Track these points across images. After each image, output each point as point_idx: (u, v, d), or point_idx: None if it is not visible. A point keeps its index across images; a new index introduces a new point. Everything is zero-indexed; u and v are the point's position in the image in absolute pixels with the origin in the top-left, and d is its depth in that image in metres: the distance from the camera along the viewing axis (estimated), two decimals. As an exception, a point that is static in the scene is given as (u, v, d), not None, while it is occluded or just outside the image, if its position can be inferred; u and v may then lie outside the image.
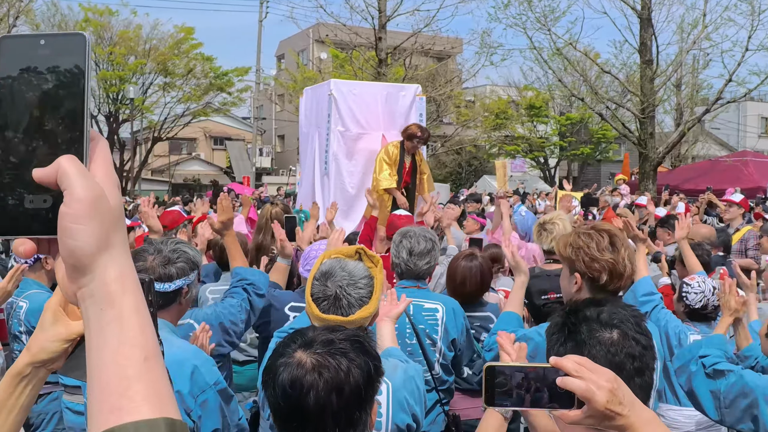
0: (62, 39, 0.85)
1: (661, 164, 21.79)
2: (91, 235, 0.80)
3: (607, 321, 1.92)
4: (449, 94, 28.18)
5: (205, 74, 35.48)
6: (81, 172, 0.81)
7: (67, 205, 0.79)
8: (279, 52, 47.56)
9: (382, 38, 23.09)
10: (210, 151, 47.94)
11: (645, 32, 20.72)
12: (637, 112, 21.17)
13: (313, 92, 9.04)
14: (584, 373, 1.38)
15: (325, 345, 1.79)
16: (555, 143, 38.65)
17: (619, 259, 2.79)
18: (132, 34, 33.38)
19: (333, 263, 2.55)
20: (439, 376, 3.86)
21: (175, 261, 2.76)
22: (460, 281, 4.27)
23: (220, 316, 3.47)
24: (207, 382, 2.57)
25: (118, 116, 34.79)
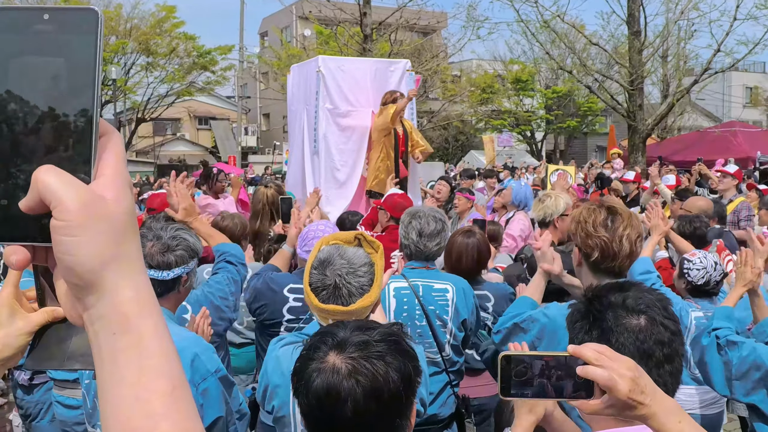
0: (70, 14, 0.71)
1: (650, 136, 21.76)
2: (90, 246, 0.68)
3: (634, 306, 1.83)
4: (435, 69, 28.00)
5: (188, 53, 35.15)
6: (62, 180, 0.68)
7: (56, 217, 0.68)
8: (262, 29, 47.11)
9: (367, 13, 22.82)
10: (195, 131, 47.60)
11: (633, 3, 20.56)
12: (625, 84, 21.09)
13: (300, 69, 8.89)
14: (605, 361, 1.33)
15: (359, 347, 1.66)
16: (541, 117, 38.69)
17: (615, 237, 2.71)
18: (113, 13, 32.90)
19: (331, 250, 2.44)
20: (450, 357, 3.78)
21: (174, 248, 2.68)
22: (456, 258, 4.19)
23: (208, 296, 3.39)
24: (208, 370, 2.52)
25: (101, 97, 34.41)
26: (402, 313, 3.73)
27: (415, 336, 3.72)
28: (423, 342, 3.72)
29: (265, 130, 47.50)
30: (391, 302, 3.74)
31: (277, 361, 2.46)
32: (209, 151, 44.48)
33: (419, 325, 3.73)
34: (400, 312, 3.73)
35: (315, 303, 2.36)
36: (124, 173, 0.74)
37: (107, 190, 0.71)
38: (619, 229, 2.71)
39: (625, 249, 2.71)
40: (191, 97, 39.27)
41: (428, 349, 3.74)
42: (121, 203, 0.71)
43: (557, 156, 41.05)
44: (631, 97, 20.98)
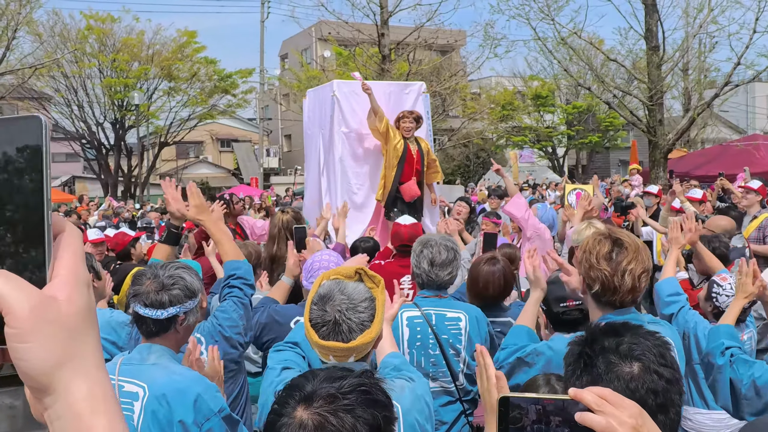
0: (16, 122, 0.74)
1: (671, 151, 21.54)
2: (41, 351, 0.69)
3: (627, 353, 1.77)
4: (454, 88, 27.99)
5: (209, 77, 35.50)
6: (11, 284, 0.70)
7: (8, 324, 0.69)
8: (282, 51, 47.51)
9: (385, 34, 22.96)
10: (217, 153, 47.99)
11: (650, 18, 20.47)
12: (644, 99, 20.94)
13: (316, 94, 8.95)
14: (606, 407, 1.25)
15: (327, 401, 1.63)
16: (562, 132, 38.49)
17: (617, 271, 2.62)
18: (135, 40, 33.37)
19: (331, 285, 2.41)
20: (463, 386, 3.75)
21: (170, 288, 2.67)
22: (483, 286, 4.16)
23: (217, 326, 3.38)
24: (211, 410, 2.50)
25: (124, 123, 34.82)
26: (415, 342, 3.71)
27: (429, 365, 3.70)
28: (437, 371, 3.69)
29: (287, 151, 47.77)
30: (404, 331, 3.72)
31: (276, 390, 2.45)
32: (232, 173, 44.81)
33: (433, 354, 3.70)
34: (413, 341, 3.71)
35: (315, 339, 2.34)
36: (79, 271, 0.74)
37: (60, 290, 0.72)
38: (622, 263, 2.63)
39: (626, 284, 2.63)
40: (213, 120, 39.62)
41: (442, 378, 3.71)
42: (73, 303, 0.72)
43: (579, 171, 40.81)
44: (651, 113, 20.83)
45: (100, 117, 34.83)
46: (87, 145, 35.99)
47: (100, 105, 34.41)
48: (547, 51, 22.44)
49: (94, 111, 34.47)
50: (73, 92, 33.37)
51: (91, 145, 35.45)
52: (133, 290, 2.69)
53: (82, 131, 34.72)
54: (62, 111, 34.86)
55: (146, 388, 2.47)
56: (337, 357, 2.34)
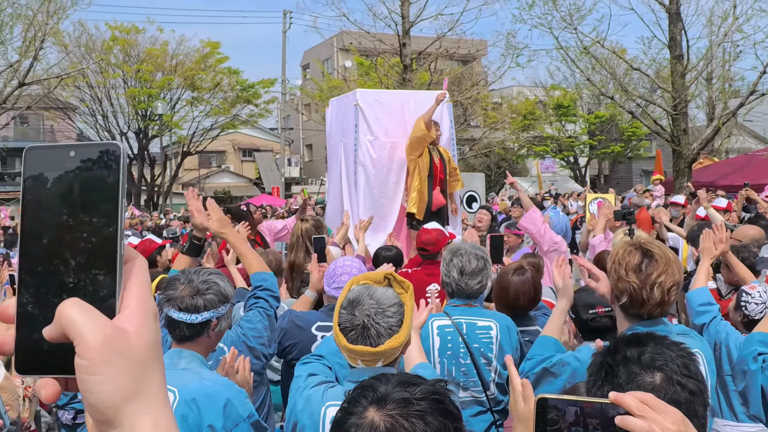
0: (94, 149, 0.74)
1: (696, 161, 21.34)
2: (111, 384, 0.68)
3: (649, 363, 1.74)
4: (476, 97, 28.00)
5: (231, 87, 35.79)
6: (86, 315, 0.69)
7: (79, 355, 0.68)
8: (304, 62, 47.77)
9: (407, 44, 23.01)
10: (239, 163, 48.29)
11: (674, 27, 20.33)
12: (668, 109, 20.78)
13: (339, 103, 8.98)
14: (648, 412, 1.22)
15: (400, 405, 1.61)
16: (584, 142, 38.28)
17: (646, 284, 2.56)
18: (159, 51, 33.75)
19: (360, 290, 2.42)
20: (494, 396, 3.71)
21: (204, 292, 2.69)
22: (514, 296, 4.12)
23: (241, 336, 3.38)
24: (240, 415, 2.51)
25: (148, 132, 35.18)
26: (446, 352, 3.68)
27: (460, 375, 3.67)
28: (468, 381, 3.67)
29: (308, 161, 47.95)
30: (435, 340, 3.69)
31: (308, 401, 2.45)
32: (253, 183, 45.06)
33: (464, 363, 3.67)
34: (444, 350, 3.69)
35: (344, 343, 2.35)
36: (148, 303, 0.74)
37: (130, 323, 0.71)
38: (652, 275, 2.57)
39: (655, 297, 2.57)
40: (235, 130, 39.90)
41: (473, 387, 3.68)
42: (142, 336, 0.71)
43: (601, 181, 40.54)
44: (675, 122, 20.66)
45: (124, 126, 35.24)
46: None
47: (124, 115, 34.82)
48: (570, 60, 22.39)
49: (118, 121, 34.92)
50: (98, 102, 33.81)
51: (115, 155, 35.82)
52: (166, 295, 2.71)
53: (106, 141, 35.12)
54: (87, 121, 35.34)
55: (176, 393, 2.48)
56: (365, 361, 2.34)
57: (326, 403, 2.37)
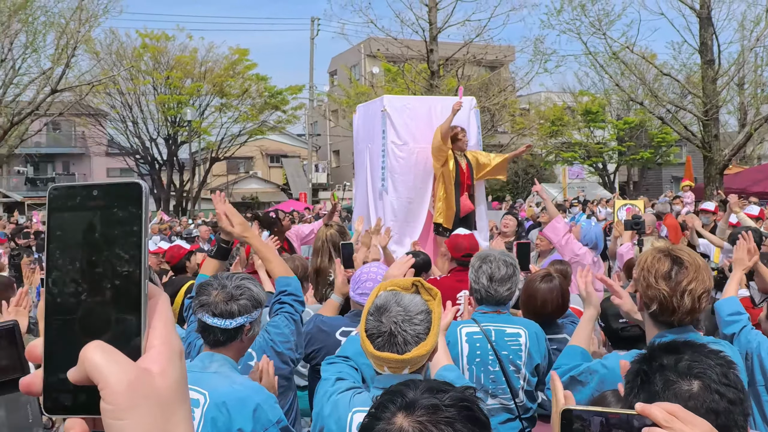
0: (116, 188, 0.74)
1: (727, 167, 21.05)
2: (136, 428, 0.68)
3: (686, 371, 1.70)
4: (503, 103, 27.89)
5: (260, 94, 36.04)
6: (109, 359, 0.69)
7: (104, 399, 0.68)
8: (331, 68, 48.00)
9: (434, 50, 23.02)
10: (267, 168, 48.60)
11: (705, 32, 20.11)
12: (699, 114, 20.53)
13: (366, 109, 8.99)
14: (675, 424, 1.21)
15: (429, 411, 1.60)
16: (613, 148, 37.94)
17: (677, 291, 2.51)
18: (188, 58, 34.11)
19: (388, 297, 2.40)
20: (523, 403, 3.68)
21: (238, 298, 2.70)
22: (541, 303, 4.09)
23: (269, 341, 3.39)
24: (270, 420, 2.51)
25: (177, 138, 35.54)
26: (475, 359, 3.67)
27: (488, 382, 3.65)
28: (497, 388, 3.65)
29: (336, 167, 48.12)
30: (463, 347, 3.67)
31: (335, 406, 2.45)
32: (281, 189, 45.31)
33: (492, 370, 3.65)
34: (473, 357, 3.67)
35: (370, 350, 2.34)
36: (173, 341, 0.74)
37: (155, 363, 0.71)
38: (682, 283, 2.52)
39: (685, 305, 2.52)
40: (263, 136, 40.16)
41: (502, 395, 3.66)
42: (168, 376, 0.71)
43: (630, 188, 40.15)
44: (706, 128, 20.42)
45: (154, 133, 35.66)
46: (141, 161, 36.84)
47: (154, 121, 35.24)
48: (599, 66, 22.23)
49: (147, 127, 35.36)
50: (128, 109, 34.26)
51: (145, 161, 36.28)
52: (199, 300, 2.73)
53: (136, 147, 35.59)
54: (117, 127, 35.84)
55: (207, 396, 2.50)
56: (391, 368, 2.33)
57: (353, 408, 2.37)
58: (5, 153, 26.02)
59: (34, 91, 23.02)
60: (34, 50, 23.04)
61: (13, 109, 22.87)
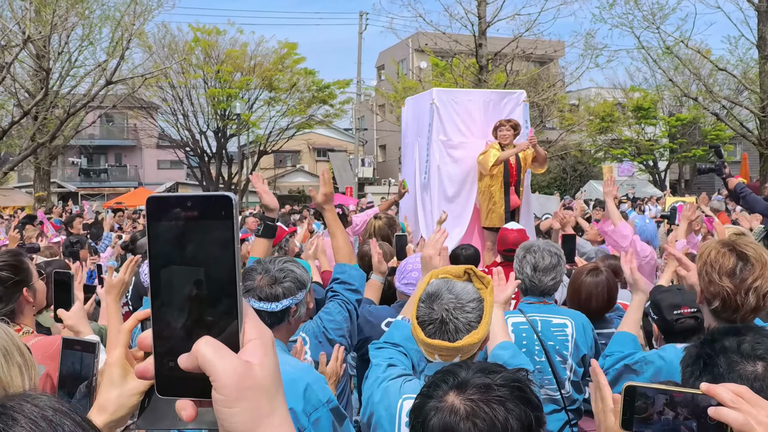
0: (208, 200, 0.81)
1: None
2: (245, 415, 0.79)
3: (750, 352, 1.68)
4: (552, 99, 27.61)
5: (307, 88, 36.24)
6: (219, 354, 0.79)
7: (216, 390, 0.78)
8: (379, 62, 48.05)
9: (483, 44, 22.88)
10: (313, 162, 48.93)
11: (763, 26, 19.57)
12: (756, 111, 20.00)
13: (415, 102, 8.98)
14: (742, 405, 1.20)
15: (481, 390, 1.61)
16: (665, 146, 37.20)
17: (741, 289, 2.42)
18: (238, 52, 34.48)
19: (440, 284, 2.40)
20: (569, 395, 3.65)
21: (282, 281, 2.73)
22: (586, 297, 4.05)
23: (321, 328, 3.42)
24: (320, 400, 2.52)
25: (226, 131, 35.99)
26: (521, 349, 3.64)
27: (534, 372, 3.63)
28: (542, 379, 3.62)
29: (382, 162, 48.20)
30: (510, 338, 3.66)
31: (386, 392, 2.45)
32: (327, 182, 45.51)
33: (538, 361, 3.63)
34: (518, 347, 3.65)
35: (421, 337, 2.34)
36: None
37: (254, 355, 0.81)
38: (747, 280, 2.42)
39: (750, 303, 2.42)
40: (310, 130, 40.41)
41: (548, 385, 3.64)
42: (266, 367, 0.81)
43: (682, 186, 39.33)
44: (763, 124, 19.89)
45: (204, 126, 36.16)
46: (190, 153, 37.40)
47: (204, 114, 35.72)
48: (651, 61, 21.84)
49: (197, 120, 35.84)
50: (179, 102, 34.79)
51: (194, 153, 36.83)
52: (244, 286, 2.75)
53: (186, 139, 36.13)
54: (168, 120, 36.43)
55: (258, 377, 2.52)
56: (442, 356, 2.33)
57: (403, 395, 2.37)
58: (61, 144, 26.64)
59: (89, 83, 23.56)
60: (90, 43, 23.58)
61: (69, 100, 23.44)
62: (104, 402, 1.20)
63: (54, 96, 22.59)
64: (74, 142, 33.47)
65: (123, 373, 1.19)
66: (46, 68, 21.42)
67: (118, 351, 1.20)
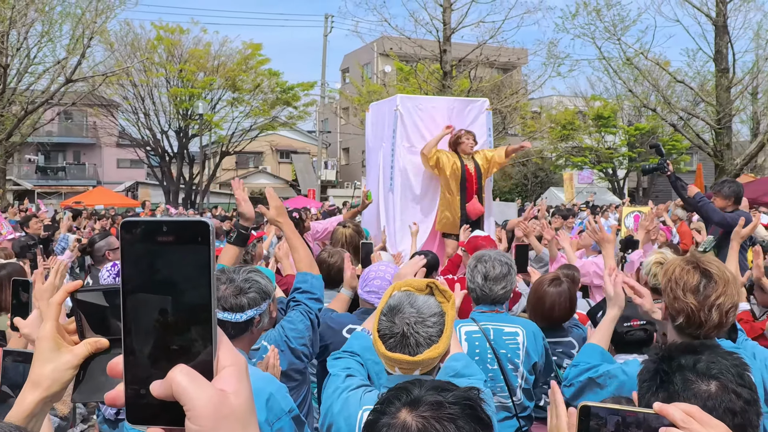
0: (185, 225, 0.79)
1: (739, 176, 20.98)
2: None
3: (705, 371, 1.74)
4: (515, 106, 27.84)
5: (271, 89, 36.05)
6: (194, 383, 0.77)
7: (190, 420, 0.76)
8: (344, 65, 48.01)
9: (447, 50, 23.01)
10: (276, 164, 48.66)
11: (720, 40, 20.04)
12: (712, 122, 20.46)
13: (379, 107, 8.99)
14: (693, 425, 1.22)
15: (433, 407, 1.63)
16: (624, 154, 37.82)
17: (704, 306, 2.48)
18: (202, 52, 34.17)
19: (402, 297, 2.41)
20: (521, 402, 3.72)
21: (246, 291, 2.72)
22: (549, 307, 4.12)
23: (283, 336, 3.41)
24: (282, 409, 2.52)
25: (188, 131, 35.62)
26: (474, 357, 3.69)
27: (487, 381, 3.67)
28: (495, 386, 3.67)
29: (345, 165, 48.14)
30: (462, 346, 3.70)
31: (346, 403, 2.46)
32: (290, 185, 45.36)
33: (491, 368, 3.68)
34: (471, 355, 3.69)
35: (382, 350, 2.35)
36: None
37: (228, 384, 0.79)
38: (711, 297, 2.49)
39: (713, 319, 2.49)
40: (274, 132, 40.17)
41: (500, 393, 3.69)
42: (240, 395, 0.79)
43: (640, 194, 40.01)
44: (719, 136, 20.35)
45: (165, 125, 35.73)
46: (151, 152, 36.93)
47: (166, 113, 35.32)
48: (612, 71, 22.19)
49: (159, 119, 35.41)
50: (141, 100, 34.34)
51: (155, 152, 36.37)
52: None
53: (147, 138, 35.66)
54: (129, 118, 35.94)
55: (220, 388, 2.51)
56: (402, 369, 2.34)
57: (363, 407, 2.37)
58: (17, 141, 26.07)
59: (48, 81, 23.12)
60: (50, 40, 23.13)
61: (27, 97, 22.98)
62: (37, 378, 1.17)
63: (11, 93, 22.13)
64: (31, 139, 32.82)
65: (55, 347, 1.15)
66: (4, 64, 21.00)
67: (50, 324, 1.17)
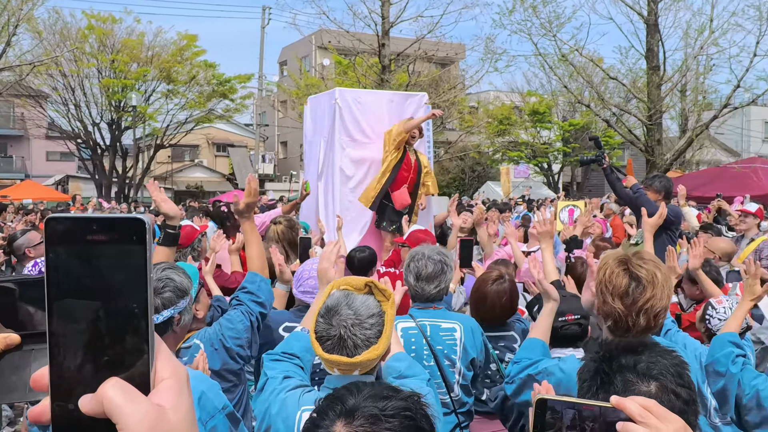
0: (118, 222, 0.71)
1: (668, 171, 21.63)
2: None
3: (645, 371, 1.75)
4: (453, 101, 28.05)
5: (207, 81, 35.45)
6: (128, 398, 0.70)
7: None
8: (282, 58, 47.57)
9: (386, 44, 23.01)
10: (213, 157, 47.93)
11: (651, 38, 20.58)
12: (643, 119, 21.01)
13: (318, 101, 8.90)
14: (650, 419, 1.21)
15: (369, 421, 1.53)
16: (558, 149, 38.58)
17: (632, 311, 2.49)
18: (135, 42, 33.33)
19: (340, 298, 2.35)
20: (459, 398, 3.71)
21: (161, 291, 2.67)
22: (490, 305, 4.12)
23: (219, 334, 3.32)
24: (215, 407, 2.46)
25: (121, 124, 34.74)
26: (410, 353, 3.65)
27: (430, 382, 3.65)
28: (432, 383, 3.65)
29: (283, 158, 47.73)
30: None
31: (284, 404, 2.39)
32: (226, 178, 44.74)
33: (427, 365, 3.67)
34: (408, 352, 3.65)
35: (319, 352, 2.31)
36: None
37: (166, 398, 0.73)
38: (639, 302, 2.50)
39: (640, 324, 2.50)
40: (210, 124, 39.52)
41: (437, 389, 3.67)
42: (180, 410, 0.73)
43: (574, 188, 40.89)
44: (650, 132, 20.89)
45: (97, 117, 34.74)
46: (82, 145, 35.86)
47: (98, 105, 34.33)
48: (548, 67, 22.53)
49: (90, 111, 34.38)
50: (71, 91, 33.27)
51: (87, 145, 35.33)
52: None
53: (78, 130, 34.60)
54: (58, 110, 34.79)
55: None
56: (341, 370, 2.30)
57: (302, 407, 2.32)
58: (-62, 132, 24.99)
59: (-29, 69, 22.22)
60: (-28, 27, 22.21)
61: (-52, 87, 22.05)
62: None
63: (-69, 81, 21.19)
64: (-46, 131, 31.52)
65: None
66: None
67: None
